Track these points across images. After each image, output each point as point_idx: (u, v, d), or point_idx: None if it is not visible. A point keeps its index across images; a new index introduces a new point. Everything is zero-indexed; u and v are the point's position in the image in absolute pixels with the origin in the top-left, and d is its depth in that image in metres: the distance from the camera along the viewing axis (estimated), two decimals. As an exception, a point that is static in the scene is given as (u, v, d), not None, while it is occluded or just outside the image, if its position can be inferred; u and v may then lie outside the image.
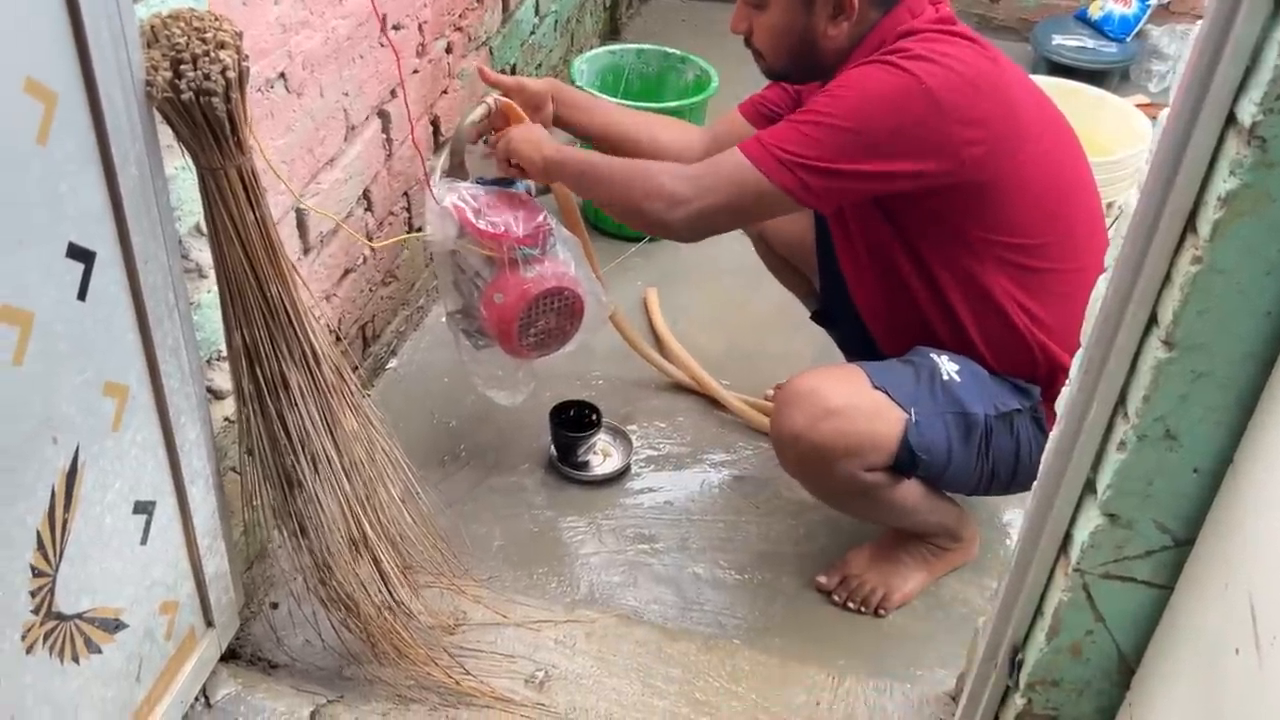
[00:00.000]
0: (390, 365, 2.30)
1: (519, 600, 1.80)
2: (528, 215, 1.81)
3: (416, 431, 2.14)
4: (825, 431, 1.62)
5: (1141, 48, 3.50)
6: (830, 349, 2.11)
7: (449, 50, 2.25)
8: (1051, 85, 2.71)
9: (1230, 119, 0.91)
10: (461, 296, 1.89)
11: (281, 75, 1.61)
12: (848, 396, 1.63)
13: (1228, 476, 1.06)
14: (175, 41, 1.19)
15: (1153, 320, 1.04)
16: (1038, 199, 1.63)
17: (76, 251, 1.14)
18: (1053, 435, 1.22)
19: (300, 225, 1.78)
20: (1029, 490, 1.73)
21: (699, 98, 2.61)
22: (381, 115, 2.00)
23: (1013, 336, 1.67)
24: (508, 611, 1.76)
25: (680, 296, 2.53)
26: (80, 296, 1.16)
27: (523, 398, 1.97)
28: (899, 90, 1.53)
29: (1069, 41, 3.46)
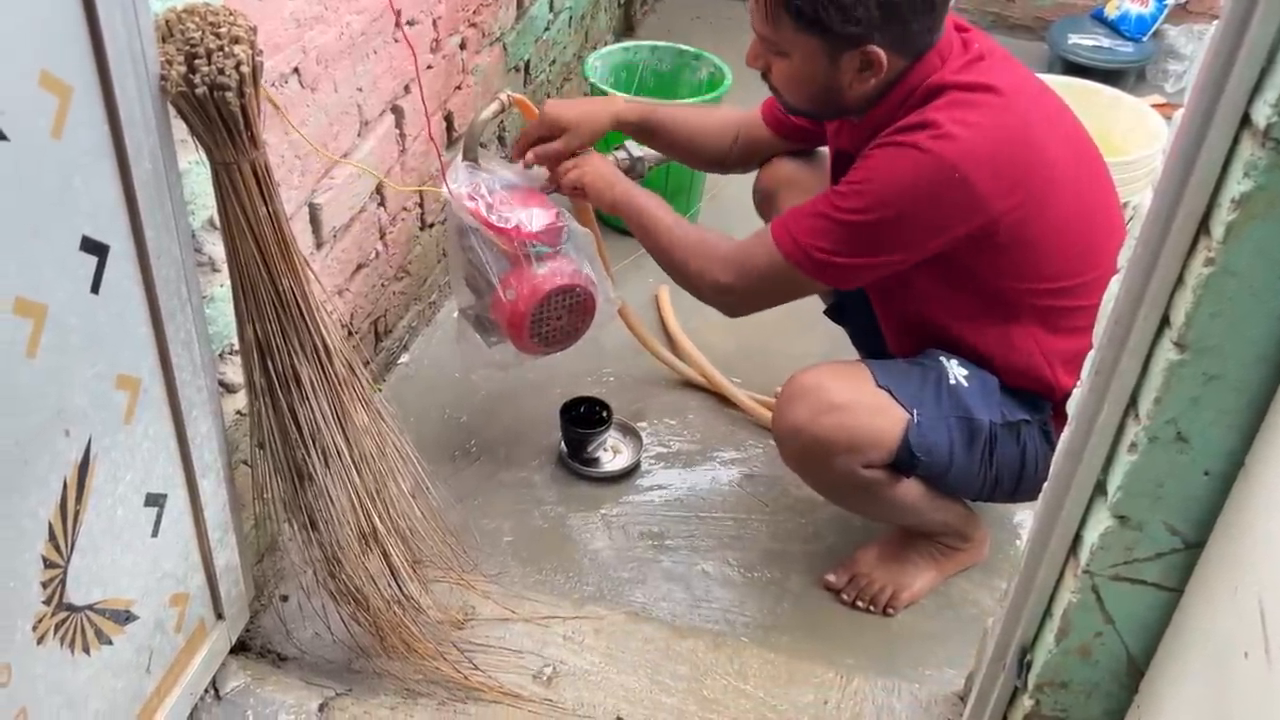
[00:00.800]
0: (402, 360, 2.30)
1: (527, 596, 1.80)
2: (541, 211, 1.81)
3: (427, 426, 2.14)
4: (826, 426, 1.62)
5: (1158, 47, 3.48)
6: (840, 348, 2.10)
7: (463, 46, 2.26)
8: (1066, 85, 2.70)
9: (1245, 120, 0.91)
10: (473, 292, 1.89)
11: (295, 70, 1.62)
12: (851, 393, 1.63)
13: (1239, 479, 1.06)
14: (190, 36, 1.19)
15: (1165, 322, 1.03)
16: (1071, 241, 1.61)
17: (90, 245, 1.15)
18: (1063, 436, 1.22)
19: (313, 220, 1.78)
20: (1033, 500, 1.73)
21: (713, 95, 2.61)
22: (395, 111, 2.00)
23: (1032, 369, 1.67)
24: (516, 607, 1.76)
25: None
26: (94, 289, 1.17)
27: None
28: (929, 178, 1.50)
29: (1085, 41, 3.45)
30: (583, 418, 2.12)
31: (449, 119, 2.26)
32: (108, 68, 1.11)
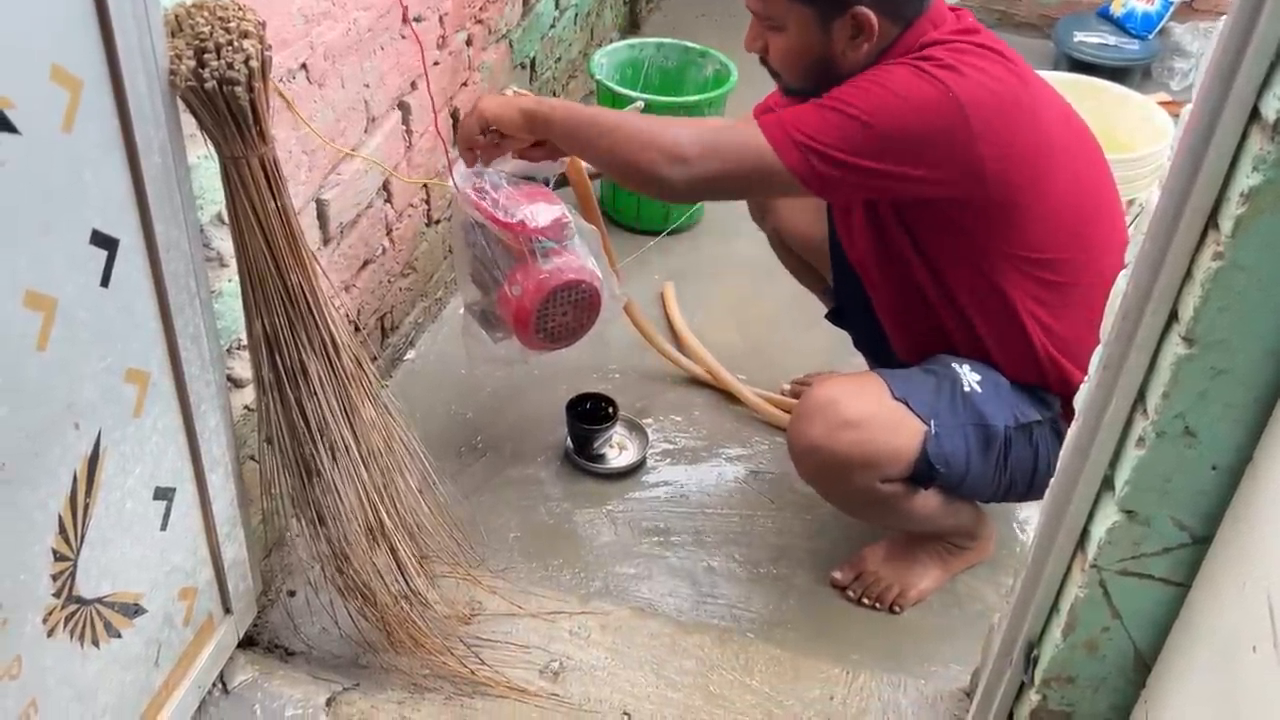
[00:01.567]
0: (408, 356, 2.30)
1: (534, 591, 1.80)
2: (546, 207, 1.81)
3: (434, 422, 2.15)
4: (843, 443, 1.60)
5: (1164, 45, 3.48)
6: (845, 345, 2.10)
7: (469, 43, 2.26)
8: (1073, 82, 2.70)
9: (1254, 114, 0.91)
10: (480, 288, 1.90)
11: (303, 66, 1.62)
12: (867, 408, 1.61)
13: (1246, 474, 1.06)
14: (199, 30, 1.19)
15: (1173, 317, 1.03)
16: (1062, 219, 1.60)
17: (100, 238, 1.15)
18: (1071, 432, 1.22)
19: (321, 216, 1.79)
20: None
21: (718, 92, 2.61)
22: (401, 107, 2.00)
23: (1028, 350, 1.65)
24: (523, 602, 1.76)
25: (697, 291, 2.53)
26: (103, 283, 1.17)
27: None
28: (928, 98, 1.49)
29: (1091, 38, 3.44)
30: (588, 414, 2.13)
31: (455, 115, 2.26)
32: (118, 62, 1.11)
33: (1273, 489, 0.99)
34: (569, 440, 2.13)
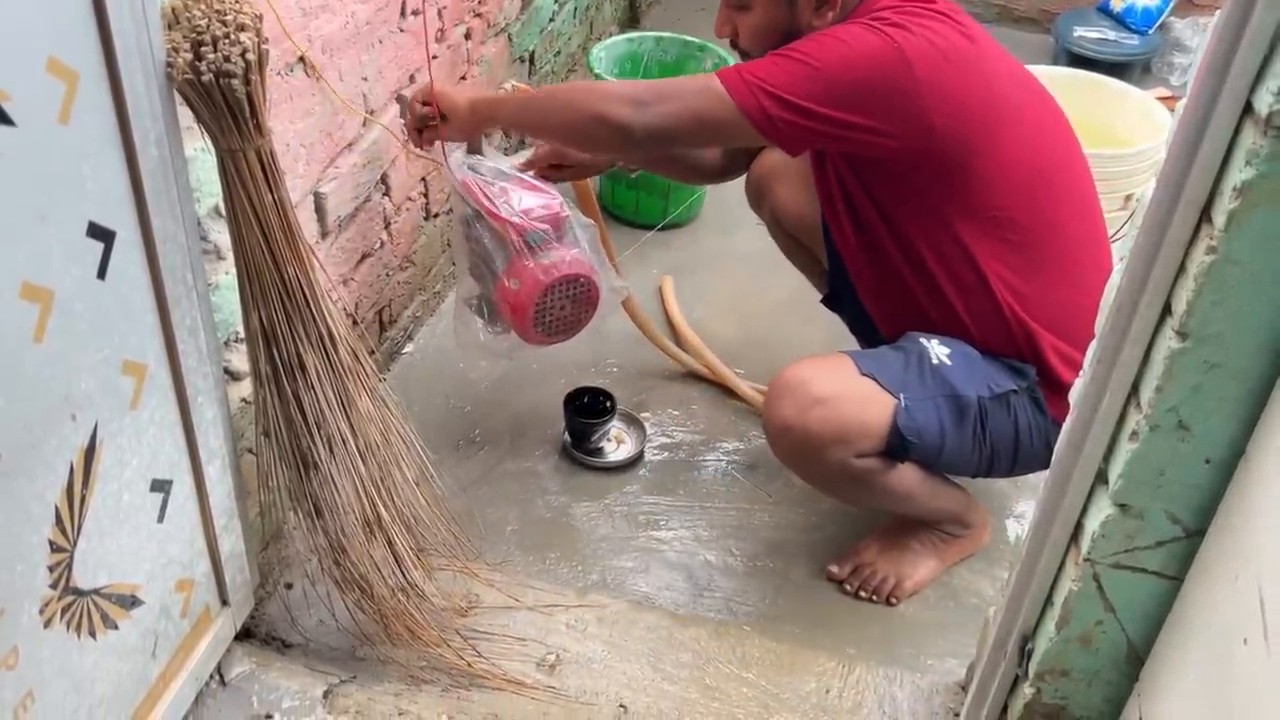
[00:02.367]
0: (406, 350, 2.31)
1: (531, 584, 1.81)
2: (546, 201, 1.82)
3: (432, 416, 2.15)
4: (814, 420, 1.63)
5: (1164, 40, 3.48)
6: (842, 338, 2.10)
7: (468, 36, 2.26)
8: (1072, 77, 2.69)
9: (1247, 109, 0.91)
10: (478, 282, 1.90)
11: (301, 59, 1.62)
12: (835, 384, 1.64)
13: (1239, 468, 1.06)
14: (196, 23, 1.20)
15: (1167, 310, 1.04)
16: (1018, 176, 1.64)
17: (97, 231, 1.15)
18: (1065, 425, 1.22)
19: (318, 209, 1.79)
20: (1037, 471, 1.74)
21: (717, 86, 2.61)
22: (400, 100, 2.00)
23: (999, 318, 1.68)
24: (520, 595, 1.77)
25: (695, 284, 2.53)
26: (100, 275, 1.17)
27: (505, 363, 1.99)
28: (876, 50, 1.54)
29: (1090, 34, 3.44)
30: (586, 408, 2.13)
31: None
32: (114, 54, 1.11)
33: (1265, 482, 1.00)
34: (567, 434, 2.13)
